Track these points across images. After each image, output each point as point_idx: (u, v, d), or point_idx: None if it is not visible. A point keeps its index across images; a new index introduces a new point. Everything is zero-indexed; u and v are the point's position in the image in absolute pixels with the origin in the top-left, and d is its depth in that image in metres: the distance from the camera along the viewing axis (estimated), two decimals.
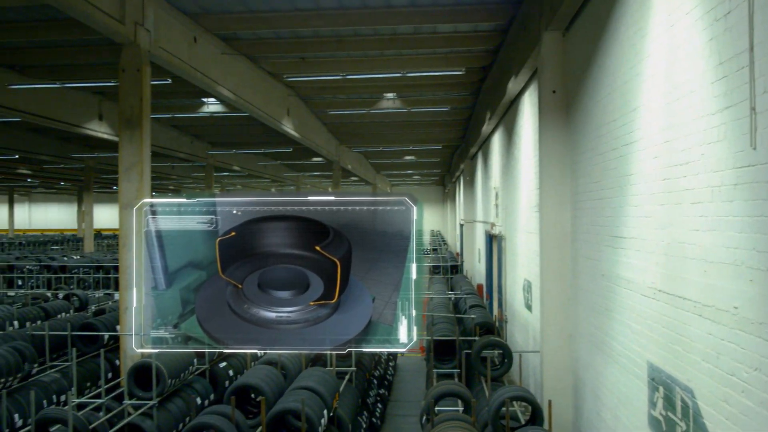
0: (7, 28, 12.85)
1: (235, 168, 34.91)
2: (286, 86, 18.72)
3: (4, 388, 8.49)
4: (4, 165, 34.30)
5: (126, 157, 10.48)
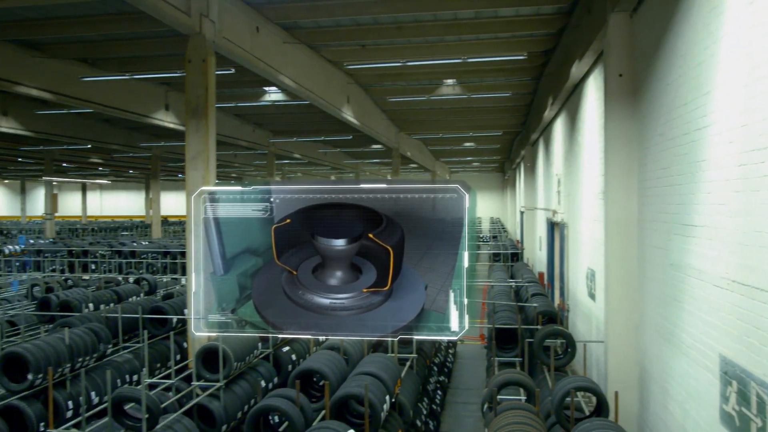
0: (80, 22, 13.34)
1: (295, 156, 35.38)
2: (345, 74, 18.81)
3: (82, 367, 8.91)
4: (77, 154, 35.78)
5: (192, 146, 10.76)
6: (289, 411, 6.70)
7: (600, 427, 6.10)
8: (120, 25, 13.34)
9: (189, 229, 10.67)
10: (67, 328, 9.20)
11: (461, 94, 20.59)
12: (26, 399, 8.17)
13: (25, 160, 39.29)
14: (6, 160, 39.75)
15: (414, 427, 9.82)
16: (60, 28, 13.56)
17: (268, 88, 20.08)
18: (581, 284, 13.54)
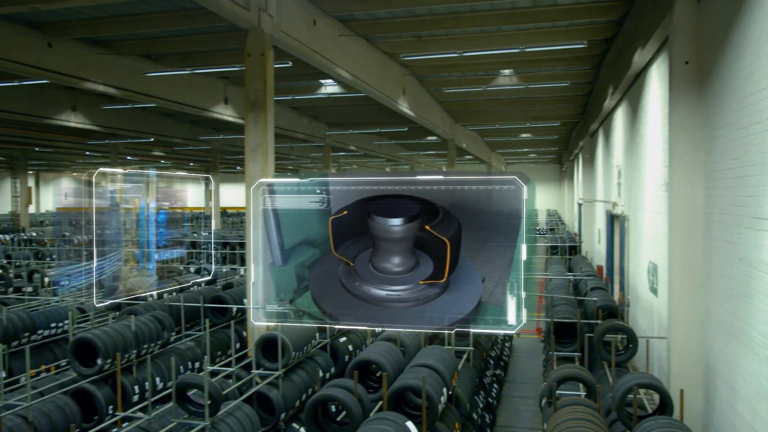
0: (142, 19, 13.71)
1: (351, 148, 35.58)
2: (401, 65, 18.78)
3: (147, 353, 9.22)
4: (141, 147, 36.91)
5: (251, 139, 10.94)
6: (348, 401, 6.76)
7: (665, 425, 5.93)
8: (181, 21, 13.64)
9: (248, 221, 10.88)
10: (133, 315, 9.53)
11: (518, 84, 20.28)
12: (96, 383, 8.50)
13: (92, 153, 40.79)
14: (74, 153, 41.36)
15: (470, 420, 9.78)
16: (124, 26, 13.98)
17: (324, 81, 20.22)
18: (642, 278, 13.19)
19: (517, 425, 12.68)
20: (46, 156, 44.17)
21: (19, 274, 17.17)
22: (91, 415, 8.40)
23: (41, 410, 7.59)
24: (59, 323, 10.88)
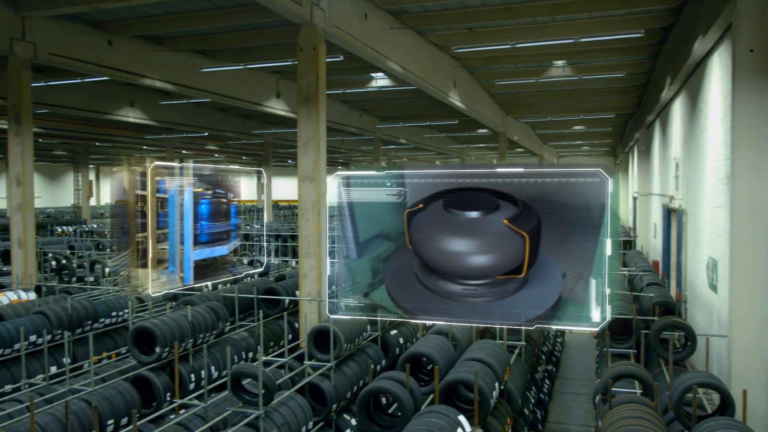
0: (198, 16, 13.99)
1: (401, 141, 35.59)
2: (452, 58, 18.65)
3: (203, 343, 9.44)
4: (195, 142, 37.74)
5: (304, 133, 11.04)
6: (400, 393, 6.78)
7: (727, 427, 5.75)
8: (235, 17, 13.86)
9: (302, 214, 11.02)
10: (189, 305, 9.76)
11: (572, 75, 19.89)
12: (154, 370, 8.76)
13: (149, 147, 41.93)
14: (132, 147, 42.61)
15: (522, 415, 9.69)
16: (180, 23, 14.29)
17: (375, 74, 20.25)
18: (701, 274, 12.80)
19: (568, 422, 12.51)
20: (105, 150, 45.63)
21: (82, 264, 17.80)
22: (150, 401, 8.65)
23: (103, 395, 7.87)
24: (120, 312, 11.24)
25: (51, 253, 19.09)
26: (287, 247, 22.91)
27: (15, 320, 9.81)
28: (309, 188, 10.97)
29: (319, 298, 10.98)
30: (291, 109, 22.34)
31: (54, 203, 59.96)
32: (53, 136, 34.07)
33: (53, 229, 31.07)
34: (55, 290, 13.27)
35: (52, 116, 25.30)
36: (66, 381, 8.15)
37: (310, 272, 11.00)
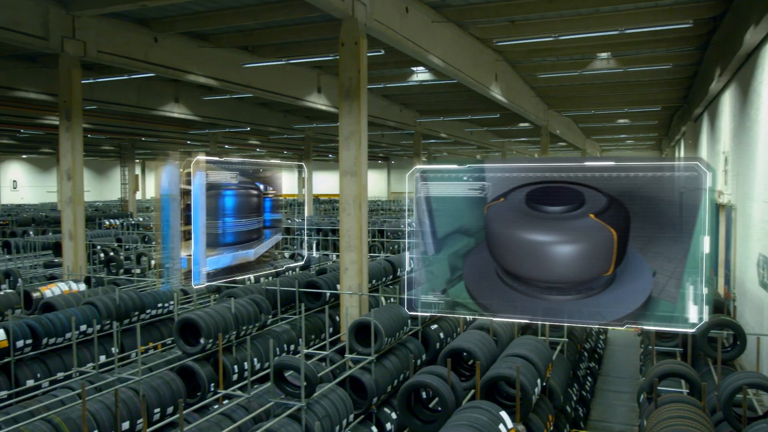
0: (241, 12, 14.17)
1: (442, 135, 35.48)
2: (494, 51, 18.49)
3: (246, 335, 9.59)
4: (238, 136, 38.27)
5: (345, 127, 11.08)
6: (441, 388, 6.78)
7: None
8: (277, 13, 13.99)
9: (343, 208, 11.08)
10: (232, 298, 9.93)
11: (616, 67, 19.52)
12: (198, 361, 8.93)
13: (193, 142, 42.68)
14: (176, 142, 43.43)
15: (564, 412, 9.59)
16: (223, 19, 14.49)
17: (416, 68, 20.22)
18: (751, 272, 12.43)
19: (611, 420, 12.32)
20: (151, 145, 46.62)
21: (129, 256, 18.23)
22: (194, 391, 8.83)
23: (150, 384, 8.06)
24: (165, 303, 11.50)
25: (99, 246, 19.62)
26: (328, 241, 23.07)
27: (66, 310, 10.12)
28: (350, 182, 11.02)
29: (360, 292, 11.04)
30: (332, 103, 22.46)
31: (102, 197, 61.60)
32: (101, 131, 34.97)
33: (101, 222, 31.91)
34: (104, 281, 13.64)
35: (101, 112, 25.95)
36: (115, 370, 8.38)
37: (351, 266, 11.06)
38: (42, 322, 9.45)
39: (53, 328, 9.55)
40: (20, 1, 12.77)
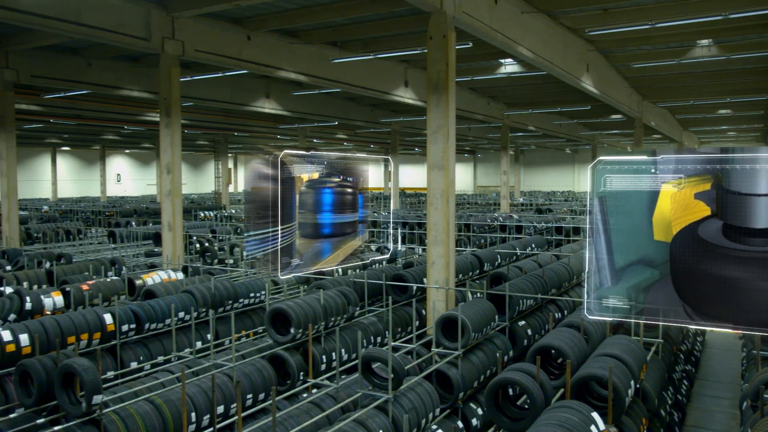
0: (330, 8, 14.40)
1: (530, 128, 34.84)
2: (585, 41, 17.96)
3: (334, 326, 9.78)
4: (326, 130, 38.98)
5: (433, 121, 11.06)
6: (530, 386, 6.68)
7: None
8: (366, 8, 14.13)
9: (430, 202, 11.08)
10: (321, 289, 10.14)
11: (718, 55, 18.50)
12: (288, 350, 9.19)
13: (283, 137, 43.83)
14: (267, 137, 44.75)
15: (658, 416, 9.22)
16: (313, 15, 14.77)
17: (504, 60, 19.91)
18: None
19: (709, 426, 11.73)
20: (243, 140, 48.24)
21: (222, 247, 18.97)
22: (284, 379, 9.09)
23: (243, 371, 8.37)
24: (257, 293, 11.88)
25: (195, 236, 20.52)
26: (414, 235, 23.15)
27: (166, 297, 10.65)
28: (438, 176, 11.00)
29: (447, 286, 11.02)
30: (419, 97, 22.49)
31: (197, 189, 64.36)
32: (197, 127, 36.51)
33: (197, 213, 33.32)
34: (200, 271, 14.25)
35: (197, 109, 27.08)
36: (210, 356, 8.75)
37: (438, 260, 11.06)
38: (144, 308, 9.98)
39: (154, 314, 10.07)
40: (125, 5, 13.49)
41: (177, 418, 7.14)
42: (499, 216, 28.04)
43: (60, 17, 12.39)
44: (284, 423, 7.09)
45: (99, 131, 40.61)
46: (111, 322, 9.33)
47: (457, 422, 8.59)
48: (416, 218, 25.96)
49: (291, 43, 17.25)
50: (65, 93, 22.08)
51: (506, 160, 33.67)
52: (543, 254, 16.87)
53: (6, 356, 7.98)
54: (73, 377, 6.58)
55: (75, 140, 48.16)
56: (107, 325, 9.29)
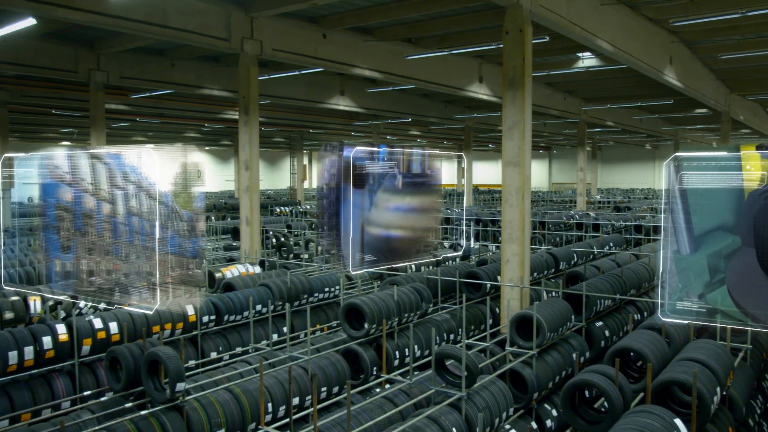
0: (405, 5, 14.41)
1: (608, 123, 33.85)
2: (669, 32, 17.27)
3: (407, 322, 9.81)
4: (399, 127, 39.10)
5: (509, 117, 10.91)
6: (608, 389, 6.49)
7: None
8: (440, 4, 14.06)
9: (505, 199, 10.94)
10: (395, 285, 10.18)
11: None
12: (362, 345, 9.28)
13: (356, 133, 44.27)
14: (341, 133, 45.30)
15: (746, 426, 8.79)
16: (388, 12, 14.82)
17: (582, 54, 19.41)
18: None
19: None
20: (317, 137, 49.00)
21: (297, 242, 19.34)
22: (357, 373, 9.19)
23: (318, 364, 8.52)
24: (331, 288, 12.06)
25: (271, 231, 21.01)
26: (487, 232, 22.92)
27: (244, 291, 10.96)
28: (513, 173, 10.85)
29: (521, 284, 10.86)
30: (493, 93, 22.22)
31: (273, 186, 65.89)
32: (273, 124, 37.36)
33: (273, 209, 34.11)
34: (276, 265, 14.58)
35: (273, 106, 27.70)
36: (286, 348, 8.95)
37: (512, 258, 10.91)
38: (224, 300, 10.31)
39: (233, 306, 10.39)
40: (208, 7, 13.95)
41: (254, 407, 7.34)
42: (575, 214, 27.37)
43: (147, 20, 12.94)
44: (358, 417, 7.17)
45: (181, 129, 42.18)
46: (192, 313, 9.70)
47: (531, 423, 8.46)
48: (489, 215, 25.67)
49: (366, 41, 17.37)
50: (150, 93, 23.06)
51: (583, 157, 32.83)
52: (621, 253, 16.36)
53: (97, 343, 8.44)
54: (158, 365, 6.86)
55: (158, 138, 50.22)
56: (189, 316, 9.66)
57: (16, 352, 7.70)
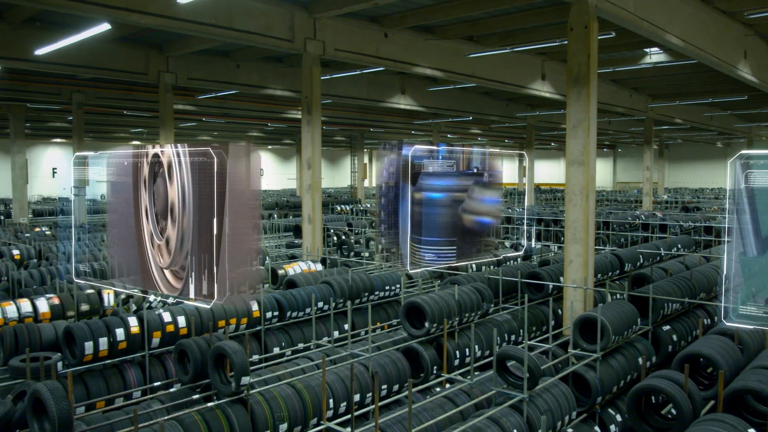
0: (466, 3, 14.32)
1: (676, 120, 32.74)
2: (743, 25, 16.58)
3: (468, 322, 9.77)
4: (460, 126, 38.87)
5: (573, 115, 10.71)
6: (677, 395, 6.31)
7: None
8: (501, 1, 13.91)
9: (569, 198, 10.75)
10: (456, 285, 10.15)
11: None
12: (422, 344, 9.29)
13: (417, 132, 44.25)
14: (402, 132, 45.38)
15: None
16: (449, 11, 14.76)
17: (650, 49, 18.85)
18: None
19: None
20: (378, 136, 49.22)
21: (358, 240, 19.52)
22: (417, 372, 9.20)
23: (378, 362, 8.58)
24: (392, 286, 12.12)
25: (332, 229, 21.25)
26: (549, 232, 22.55)
27: (306, 288, 11.14)
28: (577, 172, 10.65)
29: (585, 286, 10.65)
30: (556, 90, 21.83)
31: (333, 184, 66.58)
32: (335, 123, 37.72)
33: (333, 207, 34.49)
34: (337, 263, 14.76)
35: (335, 106, 27.99)
36: (347, 345, 9.05)
37: (576, 259, 10.71)
38: (286, 297, 10.51)
39: (296, 302, 10.57)
40: (272, 9, 14.22)
41: (316, 403, 7.46)
42: (641, 214, 26.60)
43: (214, 23, 13.30)
44: (418, 415, 7.19)
45: (245, 128, 43.12)
46: (256, 309, 9.92)
47: (594, 427, 8.29)
48: (551, 215, 25.24)
49: (427, 39, 17.35)
50: (216, 93, 23.68)
51: (649, 155, 31.86)
52: (690, 255, 15.82)
53: (166, 336, 8.75)
54: (224, 358, 7.06)
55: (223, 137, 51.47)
56: (253, 312, 9.89)
57: (91, 342, 8.06)
